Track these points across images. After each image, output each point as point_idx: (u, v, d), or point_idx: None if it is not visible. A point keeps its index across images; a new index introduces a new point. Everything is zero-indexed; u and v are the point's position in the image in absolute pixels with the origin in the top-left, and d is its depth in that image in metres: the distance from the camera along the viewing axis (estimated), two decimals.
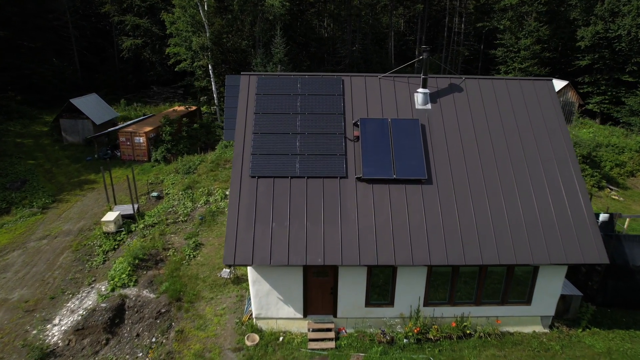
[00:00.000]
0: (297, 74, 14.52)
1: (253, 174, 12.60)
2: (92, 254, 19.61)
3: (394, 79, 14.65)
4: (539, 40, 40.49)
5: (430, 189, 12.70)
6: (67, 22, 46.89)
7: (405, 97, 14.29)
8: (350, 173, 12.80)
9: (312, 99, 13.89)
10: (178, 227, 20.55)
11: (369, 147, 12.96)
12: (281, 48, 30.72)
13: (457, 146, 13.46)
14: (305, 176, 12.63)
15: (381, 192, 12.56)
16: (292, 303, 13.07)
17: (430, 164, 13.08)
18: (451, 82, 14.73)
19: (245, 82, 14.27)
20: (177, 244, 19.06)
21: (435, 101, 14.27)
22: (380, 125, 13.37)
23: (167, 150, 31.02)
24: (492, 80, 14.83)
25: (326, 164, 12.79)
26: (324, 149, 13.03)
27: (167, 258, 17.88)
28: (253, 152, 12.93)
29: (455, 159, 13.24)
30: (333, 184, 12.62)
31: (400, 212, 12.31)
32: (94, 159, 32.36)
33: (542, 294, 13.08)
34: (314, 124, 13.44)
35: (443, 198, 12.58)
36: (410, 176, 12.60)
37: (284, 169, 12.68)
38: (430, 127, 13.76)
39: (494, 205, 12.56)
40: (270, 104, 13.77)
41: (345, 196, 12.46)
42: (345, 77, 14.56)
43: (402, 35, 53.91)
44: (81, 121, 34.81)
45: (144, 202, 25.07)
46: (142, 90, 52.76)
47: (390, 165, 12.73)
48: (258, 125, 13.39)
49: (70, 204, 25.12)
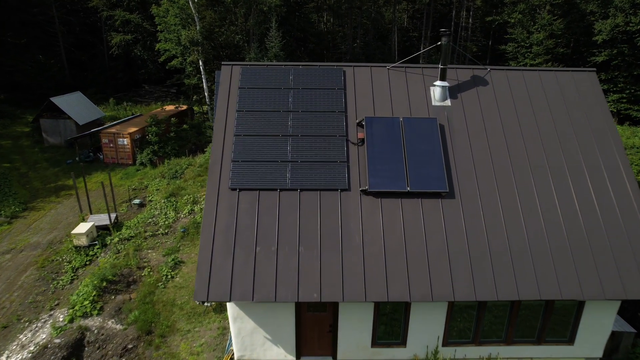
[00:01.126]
0: (289, 63, 12.11)
1: (233, 185, 10.19)
2: (60, 272, 17.23)
3: (406, 69, 12.24)
4: (553, 34, 38.04)
5: (453, 204, 10.28)
6: (53, 17, 44.50)
7: (420, 92, 11.88)
8: (353, 185, 10.39)
9: (307, 94, 11.49)
10: (157, 241, 18.13)
11: (376, 153, 10.56)
12: (277, 42, 28.28)
13: (483, 151, 11.04)
14: (298, 188, 10.23)
15: (392, 208, 10.15)
16: (282, 343, 10.67)
17: (452, 174, 10.67)
18: (474, 73, 12.32)
19: (226, 73, 11.88)
20: (155, 261, 16.65)
21: (456, 96, 11.86)
22: (390, 126, 10.96)
23: (154, 153, 28.63)
24: (523, 71, 12.41)
25: (324, 173, 10.39)
26: (322, 154, 10.62)
27: (141, 279, 15.46)
28: (234, 158, 10.52)
29: (481, 167, 10.82)
30: (332, 198, 10.21)
31: (416, 234, 9.89)
32: (74, 162, 29.97)
33: (588, 332, 10.68)
34: (309, 124, 11.04)
35: (468, 216, 10.17)
36: (427, 189, 10.19)
37: (272, 180, 10.27)
38: (450, 127, 11.35)
39: (532, 225, 10.14)
40: (256, 99, 11.37)
41: (348, 214, 10.05)
42: (347, 67, 12.15)
43: (406, 32, 51.46)
44: (63, 121, 32.42)
45: (124, 210, 22.70)
46: (133, 89, 50.42)
47: (403, 174, 10.32)
48: (241, 125, 10.98)
49: (42, 212, 22.73)
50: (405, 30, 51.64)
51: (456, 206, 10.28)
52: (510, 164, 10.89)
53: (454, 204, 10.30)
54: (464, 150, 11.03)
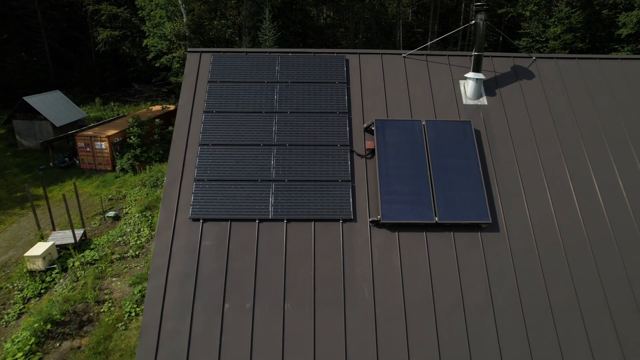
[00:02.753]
0: (275, 50, 9.30)
1: (195, 215, 7.41)
2: (7, 303, 14.47)
3: (427, 57, 9.44)
4: (570, 28, 35.20)
5: (497, 240, 7.49)
6: (36, 11, 41.75)
7: (447, 86, 9.09)
8: (360, 213, 7.60)
9: (298, 90, 8.70)
10: (125, 266, 15.35)
11: (391, 169, 7.77)
12: (270, 34, 25.47)
13: (533, 165, 8.24)
14: (285, 219, 7.44)
15: (414, 247, 7.36)
16: None
17: (494, 197, 7.87)
18: (515, 63, 9.52)
19: (192, 63, 9.08)
20: (118, 292, 13.86)
21: (493, 92, 9.07)
22: (409, 132, 8.17)
23: (135, 158, 25.87)
24: (579, 60, 9.61)
25: (320, 197, 7.60)
26: (317, 171, 7.83)
27: (98, 317, 12.68)
28: (198, 176, 7.73)
29: (533, 187, 8.02)
30: (332, 233, 7.43)
31: (449, 284, 7.10)
32: (48, 167, 27.23)
33: None
34: (300, 129, 8.25)
35: (519, 256, 7.38)
36: (462, 219, 7.39)
37: (249, 207, 7.49)
38: (488, 133, 8.55)
39: (608, 268, 7.34)
40: (231, 97, 8.58)
41: (353, 255, 7.26)
42: (351, 54, 9.35)
43: (410, 27, 48.65)
44: (38, 122, 29.69)
45: (97, 224, 19.95)
46: (122, 89, 47.65)
47: (429, 199, 7.52)
48: (209, 131, 8.19)
49: (2, 227, 19.97)
50: (409, 26, 48.83)
51: (502, 242, 7.48)
52: (571, 183, 8.09)
53: (499, 240, 7.50)
54: (509, 165, 8.22)
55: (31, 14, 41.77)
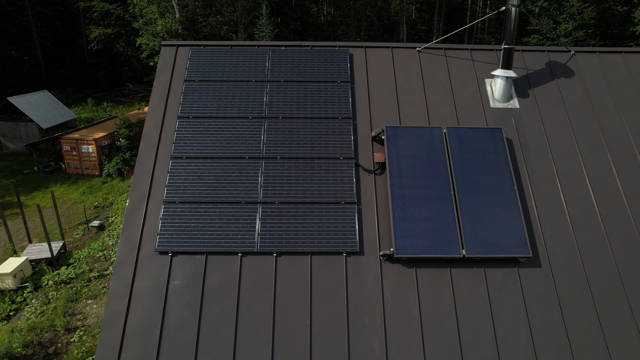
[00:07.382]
0: (265, 43, 7.82)
1: (163, 246, 5.93)
2: None
3: (446, 51, 7.96)
4: (582, 25, 33.67)
5: (540, 277, 6.01)
6: (26, 8, 40.29)
7: (470, 86, 7.61)
8: (368, 244, 6.12)
9: (292, 90, 7.22)
10: (103, 285, 13.90)
11: (405, 188, 6.30)
12: (267, 30, 24.00)
13: (579, 183, 6.76)
14: (274, 251, 5.96)
15: (436, 287, 5.88)
16: None
17: (532, 223, 6.39)
18: (550, 58, 8.03)
19: (167, 58, 7.61)
20: (93, 317, 12.40)
21: (526, 93, 7.59)
22: (427, 141, 6.70)
23: (124, 162, 24.40)
24: (624, 54, 8.12)
25: (319, 223, 6.12)
26: (315, 190, 6.35)
27: (67, 348, 11.22)
28: (168, 197, 6.25)
29: (580, 210, 6.54)
30: (333, 269, 5.95)
31: (481, 335, 5.62)
32: (33, 171, 25.80)
33: None
34: (294, 138, 6.77)
35: (568, 298, 5.90)
36: (496, 252, 5.91)
37: (230, 236, 6.01)
38: (522, 142, 7.07)
39: None
40: (211, 99, 7.10)
41: (360, 298, 5.79)
42: (355, 48, 7.87)
43: (414, 24, 47.14)
44: (24, 124, 28.25)
45: (79, 235, 18.51)
46: (116, 88, 46.17)
47: (454, 227, 6.05)
48: (183, 141, 6.72)
49: None
50: (413, 24, 47.32)
51: (546, 281, 6.00)
52: (627, 204, 6.60)
53: (542, 277, 6.02)
54: (549, 183, 6.74)
55: (21, 11, 40.31)
